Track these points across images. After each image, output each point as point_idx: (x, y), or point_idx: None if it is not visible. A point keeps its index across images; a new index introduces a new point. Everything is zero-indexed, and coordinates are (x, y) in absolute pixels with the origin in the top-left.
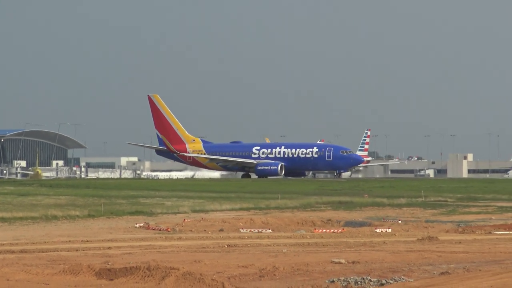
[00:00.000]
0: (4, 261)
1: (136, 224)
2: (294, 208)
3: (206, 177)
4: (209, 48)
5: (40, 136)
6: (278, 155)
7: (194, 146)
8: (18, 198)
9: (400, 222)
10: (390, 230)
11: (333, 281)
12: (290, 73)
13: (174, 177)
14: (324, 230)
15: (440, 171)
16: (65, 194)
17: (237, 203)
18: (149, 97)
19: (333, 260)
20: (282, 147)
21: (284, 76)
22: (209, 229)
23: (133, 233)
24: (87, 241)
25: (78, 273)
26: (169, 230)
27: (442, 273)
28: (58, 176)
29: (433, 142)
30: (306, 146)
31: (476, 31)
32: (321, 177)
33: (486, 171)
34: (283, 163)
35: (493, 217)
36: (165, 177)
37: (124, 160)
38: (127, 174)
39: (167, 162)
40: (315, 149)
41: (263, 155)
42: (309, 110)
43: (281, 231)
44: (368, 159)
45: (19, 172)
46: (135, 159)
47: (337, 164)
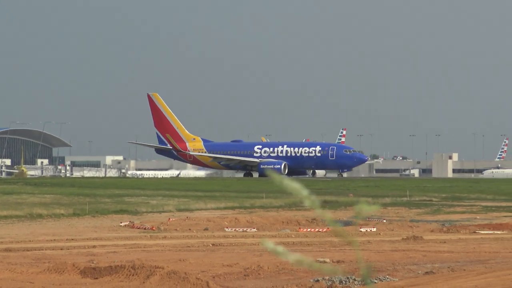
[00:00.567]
0: None
1: (121, 223)
2: (279, 207)
3: (191, 176)
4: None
5: (25, 135)
6: (280, 154)
7: (195, 145)
8: (3, 197)
9: (385, 221)
10: (375, 229)
11: (318, 280)
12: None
13: (159, 176)
14: (309, 229)
15: (425, 171)
16: (50, 192)
17: (222, 202)
18: (148, 96)
19: (318, 259)
20: (285, 146)
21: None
22: (194, 228)
23: (118, 232)
24: (72, 239)
25: (63, 271)
26: (154, 229)
27: (426, 272)
28: (43, 174)
29: (418, 141)
30: (309, 145)
31: (461, 31)
32: (321, 176)
33: (471, 171)
34: (286, 162)
35: (477, 217)
36: (150, 176)
37: (109, 159)
38: (112, 173)
39: (152, 161)
40: (318, 148)
41: (265, 154)
42: (294, 109)
43: (266, 230)
44: None
45: (3, 171)
46: (120, 157)
47: (340, 163)
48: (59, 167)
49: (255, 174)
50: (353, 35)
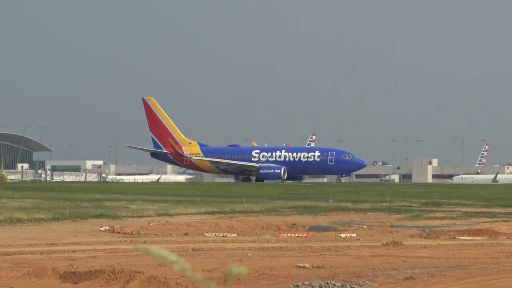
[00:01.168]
0: None
1: (101, 227)
2: (259, 212)
3: (171, 180)
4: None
5: (5, 139)
6: (278, 159)
7: (191, 149)
8: None
9: (364, 227)
10: (354, 234)
11: (297, 286)
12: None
13: (139, 181)
14: (289, 235)
15: (405, 176)
16: (30, 197)
17: (202, 207)
18: (143, 100)
19: (297, 264)
20: (283, 150)
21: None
22: (174, 233)
23: (98, 237)
24: (52, 244)
25: (43, 276)
26: (134, 233)
27: (406, 278)
28: (23, 179)
29: (398, 147)
30: (308, 150)
31: (441, 36)
32: (319, 181)
33: (451, 176)
34: (286, 167)
35: (457, 222)
36: (130, 181)
37: (89, 164)
38: (93, 178)
39: (132, 165)
40: (317, 153)
41: (263, 159)
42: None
43: (246, 235)
44: None
45: None
46: (101, 162)
47: (339, 168)
48: (39, 171)
49: (253, 179)
50: (335, 39)
